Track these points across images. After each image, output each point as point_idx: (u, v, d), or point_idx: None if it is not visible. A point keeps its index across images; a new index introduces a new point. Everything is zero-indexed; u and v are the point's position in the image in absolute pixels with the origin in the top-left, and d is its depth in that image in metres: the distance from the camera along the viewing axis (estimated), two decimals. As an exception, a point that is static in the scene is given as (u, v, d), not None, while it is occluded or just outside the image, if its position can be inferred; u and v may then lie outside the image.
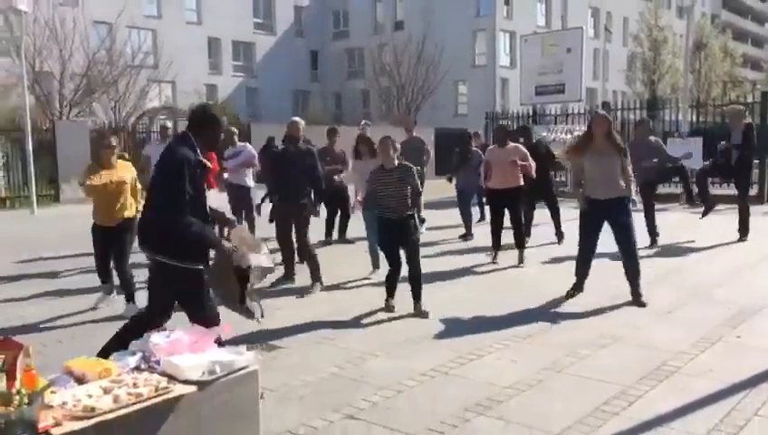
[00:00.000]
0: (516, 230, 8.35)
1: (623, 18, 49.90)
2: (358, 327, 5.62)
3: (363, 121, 11.53)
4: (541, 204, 9.90)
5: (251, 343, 4.63)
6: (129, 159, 7.05)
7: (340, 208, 10.04)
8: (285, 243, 7.32)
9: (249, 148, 9.58)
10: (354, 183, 8.67)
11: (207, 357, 3.02)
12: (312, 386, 4.16)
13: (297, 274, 7.38)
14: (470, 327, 5.49)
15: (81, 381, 2.81)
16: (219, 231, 4.44)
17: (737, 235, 9.57)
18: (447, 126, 27.93)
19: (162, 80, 31.18)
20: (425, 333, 5.33)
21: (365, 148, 8.77)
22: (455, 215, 11.10)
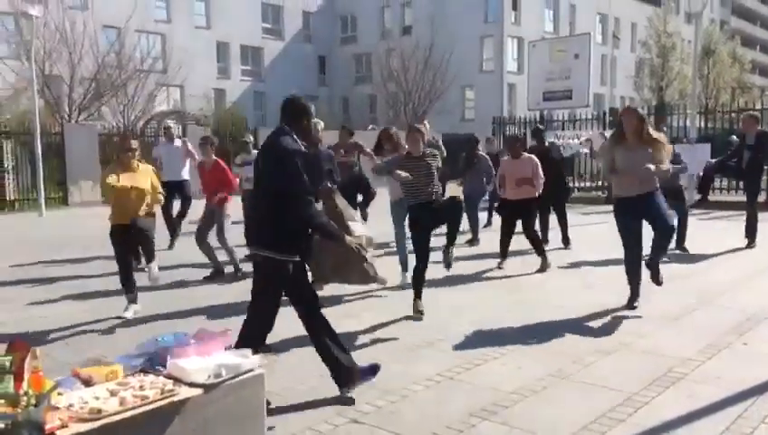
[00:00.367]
0: (532, 241, 8.26)
1: (631, 24, 49.86)
2: (363, 331, 5.62)
3: (370, 126, 11.47)
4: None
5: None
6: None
7: (363, 195, 9.48)
8: None
9: None
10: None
11: (213, 360, 3.04)
12: (317, 390, 4.16)
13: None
14: (476, 333, 5.48)
15: (88, 384, 2.83)
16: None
17: (745, 241, 9.54)
18: (454, 131, 27.94)
19: (171, 84, 31.42)
20: (430, 338, 5.33)
21: (389, 145, 8.16)
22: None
